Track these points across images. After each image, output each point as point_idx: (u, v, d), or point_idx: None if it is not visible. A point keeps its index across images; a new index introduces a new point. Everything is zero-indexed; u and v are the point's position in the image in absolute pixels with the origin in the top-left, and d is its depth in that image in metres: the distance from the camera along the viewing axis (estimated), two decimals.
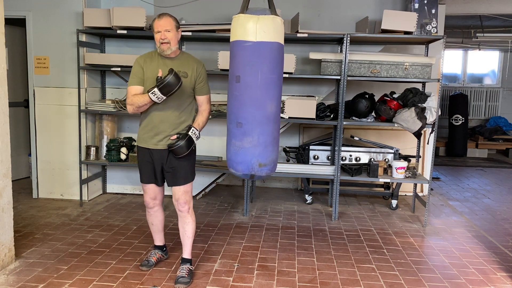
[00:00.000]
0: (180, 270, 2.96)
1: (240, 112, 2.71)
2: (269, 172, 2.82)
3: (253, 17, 2.63)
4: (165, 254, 3.26)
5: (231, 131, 2.78)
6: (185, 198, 2.92)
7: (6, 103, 3.04)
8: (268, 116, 2.72)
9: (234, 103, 2.75)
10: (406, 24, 4.08)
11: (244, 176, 2.82)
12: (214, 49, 4.67)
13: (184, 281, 2.88)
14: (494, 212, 4.81)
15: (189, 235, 2.98)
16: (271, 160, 2.79)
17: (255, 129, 2.70)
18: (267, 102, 2.71)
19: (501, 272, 3.24)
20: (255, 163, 2.73)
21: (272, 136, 2.77)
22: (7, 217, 3.08)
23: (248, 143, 2.71)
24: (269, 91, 2.71)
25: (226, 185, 5.61)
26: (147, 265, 3.10)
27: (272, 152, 2.79)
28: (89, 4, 4.61)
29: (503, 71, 9.45)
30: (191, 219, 2.97)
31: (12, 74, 5.05)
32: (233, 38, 2.71)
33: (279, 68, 2.75)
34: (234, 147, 2.76)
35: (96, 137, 4.83)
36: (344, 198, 5.18)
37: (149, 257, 3.17)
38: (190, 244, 3.01)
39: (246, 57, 2.66)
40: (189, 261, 3.02)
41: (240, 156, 2.74)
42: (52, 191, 4.81)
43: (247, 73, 2.66)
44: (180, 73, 2.75)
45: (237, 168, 2.78)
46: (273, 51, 2.68)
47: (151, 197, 3.02)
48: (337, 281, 3.01)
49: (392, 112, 4.23)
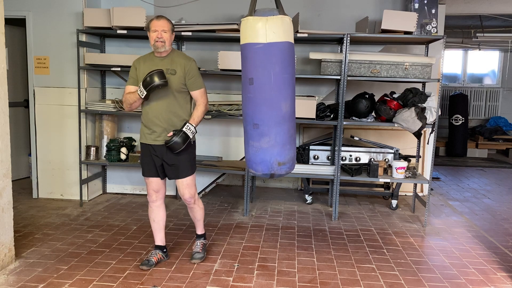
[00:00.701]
0: (195, 246, 3.27)
1: (256, 114, 2.75)
2: (289, 170, 2.87)
3: (262, 19, 2.64)
4: (166, 255, 3.27)
5: (248, 132, 2.83)
6: (190, 192, 3.12)
7: (6, 103, 3.04)
8: (283, 115, 2.76)
9: (249, 105, 2.79)
10: (406, 24, 4.08)
11: (264, 176, 2.89)
12: (214, 49, 4.68)
13: (199, 256, 3.21)
14: (494, 212, 4.81)
15: (199, 218, 3.28)
16: (289, 158, 2.84)
17: (271, 129, 2.74)
18: (281, 102, 2.74)
19: (501, 272, 3.24)
20: (274, 162, 2.78)
21: (289, 135, 2.82)
22: (7, 217, 3.08)
23: (266, 143, 2.75)
24: (282, 91, 2.75)
25: (226, 185, 5.61)
26: (147, 264, 3.11)
27: (290, 150, 2.84)
28: (89, 4, 4.61)
29: (503, 71, 9.46)
30: (198, 207, 3.23)
31: (12, 74, 5.05)
32: (243, 41, 2.73)
33: (291, 67, 2.78)
34: (252, 148, 2.80)
35: (96, 137, 4.83)
36: (344, 198, 5.18)
37: (149, 256, 3.18)
38: (201, 224, 3.31)
39: (257, 59, 2.69)
40: (202, 236, 3.33)
41: (259, 157, 2.79)
42: (52, 191, 4.81)
43: (260, 75, 2.70)
44: (168, 70, 2.97)
45: (257, 169, 2.83)
46: (284, 51, 2.70)
47: (154, 189, 3.14)
48: (337, 281, 3.01)
49: (392, 112, 4.23)
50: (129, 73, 3.10)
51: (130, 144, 4.76)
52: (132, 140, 4.82)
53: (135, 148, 4.89)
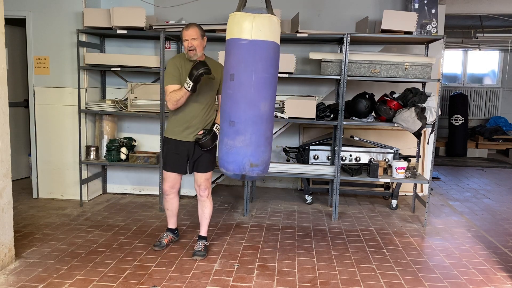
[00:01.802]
0: (197, 245, 3.38)
1: (233, 111, 2.70)
2: (261, 173, 2.80)
3: (249, 16, 2.62)
4: (176, 236, 3.62)
5: (223, 129, 2.78)
6: (206, 184, 3.34)
7: (6, 103, 3.04)
8: (261, 115, 2.71)
9: (227, 102, 2.74)
10: (406, 24, 4.08)
11: (235, 177, 2.81)
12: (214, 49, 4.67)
13: (200, 254, 3.31)
14: (494, 212, 4.81)
15: (206, 216, 3.41)
16: (262, 161, 2.77)
17: (247, 128, 2.69)
18: (261, 101, 2.70)
19: (501, 272, 3.24)
20: (247, 163, 2.71)
21: (265, 136, 2.75)
22: (7, 217, 3.08)
23: (240, 142, 2.69)
24: (263, 90, 2.70)
25: (226, 185, 5.61)
26: (159, 245, 3.44)
27: (264, 152, 2.77)
28: (89, 4, 4.61)
29: (503, 71, 9.46)
30: (209, 203, 3.40)
31: (12, 74, 5.05)
32: (229, 36, 2.71)
33: (274, 68, 2.73)
34: (226, 146, 2.75)
35: (96, 137, 4.83)
36: (344, 198, 5.18)
37: (161, 238, 3.50)
38: (206, 224, 3.44)
39: (240, 55, 2.65)
40: (205, 238, 3.44)
41: (231, 156, 2.73)
42: (52, 191, 4.81)
43: (241, 72, 2.65)
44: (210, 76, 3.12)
45: (228, 168, 2.77)
46: (268, 50, 2.66)
47: (170, 185, 3.38)
48: (337, 281, 3.01)
49: (392, 112, 4.23)
50: (167, 73, 3.21)
51: (130, 144, 4.76)
52: (132, 140, 4.82)
53: (135, 148, 4.89)
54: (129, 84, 4.53)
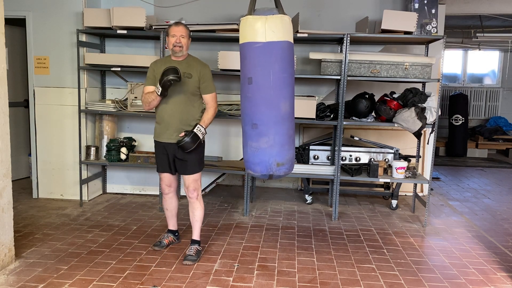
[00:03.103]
0: (189, 250, 3.31)
1: (254, 114, 2.74)
2: (287, 171, 2.86)
3: (261, 18, 2.64)
4: (177, 238, 3.60)
5: (246, 132, 2.82)
6: (194, 186, 3.29)
7: (6, 103, 3.04)
8: (283, 115, 2.75)
9: (247, 105, 2.78)
10: (406, 24, 4.08)
11: (262, 177, 2.88)
12: (214, 49, 4.67)
13: (191, 259, 3.23)
14: (494, 212, 4.81)
15: (197, 218, 3.35)
16: (288, 159, 2.82)
17: (270, 130, 2.74)
18: (281, 101, 2.73)
19: (501, 272, 3.24)
20: (273, 163, 2.77)
21: (288, 135, 2.81)
22: (7, 217, 3.08)
23: (265, 144, 2.74)
24: (282, 90, 2.74)
25: (226, 185, 5.61)
26: (159, 245, 3.44)
27: (289, 151, 2.83)
28: (89, 4, 4.61)
29: (503, 71, 9.45)
30: (199, 205, 3.34)
31: (12, 74, 5.05)
32: (243, 40, 2.72)
33: (290, 67, 2.77)
34: (251, 149, 2.79)
35: (96, 137, 4.83)
36: (344, 198, 5.18)
37: (162, 238, 3.51)
38: (198, 227, 3.37)
39: (256, 58, 2.68)
40: (197, 242, 3.37)
41: (257, 157, 2.78)
42: (52, 191, 4.81)
43: (259, 74, 2.69)
44: (185, 74, 3.14)
45: (255, 169, 2.82)
46: (283, 50, 2.69)
47: (166, 184, 3.40)
48: (337, 281, 3.01)
49: (392, 112, 4.23)
50: (147, 75, 3.27)
51: (130, 144, 4.76)
52: (132, 140, 4.82)
53: (135, 148, 4.89)
54: (129, 84, 4.53)
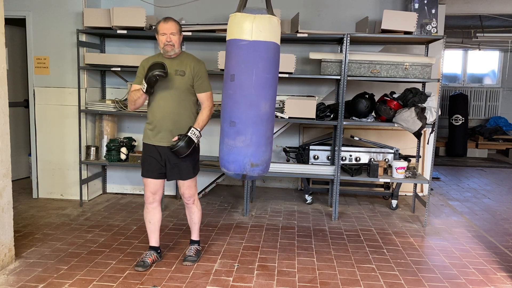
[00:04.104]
0: (188, 250, 3.25)
1: (234, 111, 2.71)
2: (261, 172, 2.82)
3: (250, 16, 2.63)
4: (159, 256, 3.25)
5: (224, 130, 2.79)
6: (189, 192, 3.15)
7: (6, 103, 3.04)
8: (262, 116, 2.72)
9: (228, 102, 2.75)
10: (406, 24, 4.08)
11: (236, 176, 2.83)
12: (214, 49, 4.67)
13: (191, 259, 3.18)
14: (494, 212, 4.81)
15: (195, 221, 3.26)
16: (263, 161, 2.79)
17: (248, 129, 2.70)
18: (261, 101, 2.71)
19: (501, 272, 3.24)
20: (247, 163, 2.73)
21: (265, 136, 2.77)
22: (7, 217, 3.08)
23: (241, 143, 2.71)
24: (263, 90, 2.71)
25: (226, 185, 5.61)
26: (143, 265, 3.09)
27: (265, 152, 2.79)
28: (89, 4, 4.61)
29: (503, 71, 9.45)
30: (196, 209, 3.23)
31: (12, 74, 5.05)
32: (229, 37, 2.71)
33: (274, 68, 2.74)
34: (226, 147, 2.76)
35: (96, 137, 4.83)
36: (344, 198, 5.18)
37: (144, 258, 3.16)
38: (197, 229, 3.29)
39: (241, 55, 2.66)
40: (196, 242, 3.30)
41: (232, 156, 2.75)
42: (52, 191, 4.81)
43: (242, 72, 2.66)
44: (177, 72, 2.96)
45: (229, 168, 2.79)
46: (268, 51, 2.67)
47: (151, 191, 3.10)
48: (337, 281, 3.01)
49: (392, 112, 4.23)
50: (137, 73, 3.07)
51: (130, 144, 4.76)
52: (132, 140, 4.82)
53: (135, 148, 4.89)
54: (129, 84, 4.53)
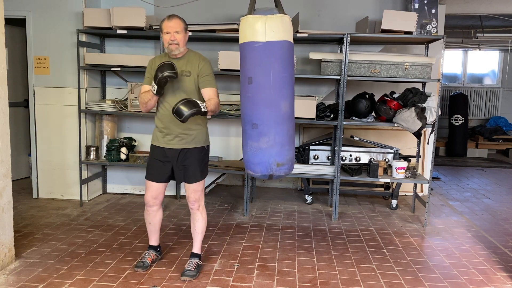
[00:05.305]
0: (188, 264, 3.05)
1: (255, 113, 2.73)
2: (287, 171, 2.84)
3: (261, 18, 2.64)
4: (159, 254, 3.27)
5: (246, 132, 2.80)
6: (195, 197, 3.01)
7: (6, 103, 3.04)
8: (283, 115, 2.75)
9: (247, 105, 2.77)
10: (406, 24, 4.08)
11: (262, 177, 2.85)
12: (214, 49, 4.67)
13: (190, 274, 2.97)
14: (494, 212, 4.81)
15: (198, 231, 3.08)
16: (288, 159, 2.81)
17: (270, 129, 2.72)
18: (281, 101, 2.73)
19: (501, 272, 3.24)
20: (273, 163, 2.75)
21: (288, 135, 2.80)
22: (7, 217, 3.08)
23: (265, 144, 2.73)
24: (282, 90, 2.73)
25: (226, 185, 5.61)
26: (142, 266, 3.08)
27: (289, 151, 2.81)
28: (89, 4, 4.61)
29: (503, 71, 9.45)
30: (201, 217, 3.07)
31: (12, 74, 5.04)
32: (243, 40, 2.72)
33: (290, 67, 2.76)
34: (251, 149, 2.78)
35: (96, 137, 4.83)
36: (344, 198, 5.18)
37: (143, 258, 3.15)
38: (199, 240, 3.11)
39: (256, 58, 2.67)
40: (197, 256, 3.12)
41: (257, 157, 2.76)
42: (52, 191, 4.81)
43: (259, 74, 2.68)
44: (183, 72, 2.88)
45: (255, 170, 2.81)
46: (283, 50, 2.69)
47: (152, 195, 3.03)
48: (337, 281, 3.01)
49: (392, 112, 4.23)
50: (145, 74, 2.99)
51: (130, 144, 4.76)
52: (132, 140, 4.82)
53: (135, 148, 4.89)
54: (129, 84, 4.53)
